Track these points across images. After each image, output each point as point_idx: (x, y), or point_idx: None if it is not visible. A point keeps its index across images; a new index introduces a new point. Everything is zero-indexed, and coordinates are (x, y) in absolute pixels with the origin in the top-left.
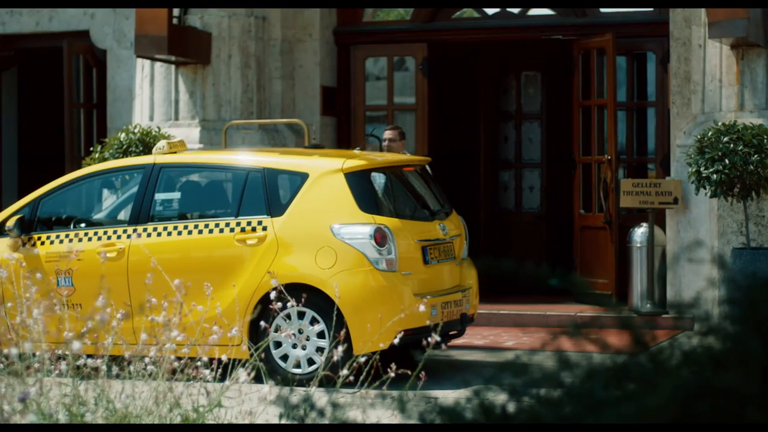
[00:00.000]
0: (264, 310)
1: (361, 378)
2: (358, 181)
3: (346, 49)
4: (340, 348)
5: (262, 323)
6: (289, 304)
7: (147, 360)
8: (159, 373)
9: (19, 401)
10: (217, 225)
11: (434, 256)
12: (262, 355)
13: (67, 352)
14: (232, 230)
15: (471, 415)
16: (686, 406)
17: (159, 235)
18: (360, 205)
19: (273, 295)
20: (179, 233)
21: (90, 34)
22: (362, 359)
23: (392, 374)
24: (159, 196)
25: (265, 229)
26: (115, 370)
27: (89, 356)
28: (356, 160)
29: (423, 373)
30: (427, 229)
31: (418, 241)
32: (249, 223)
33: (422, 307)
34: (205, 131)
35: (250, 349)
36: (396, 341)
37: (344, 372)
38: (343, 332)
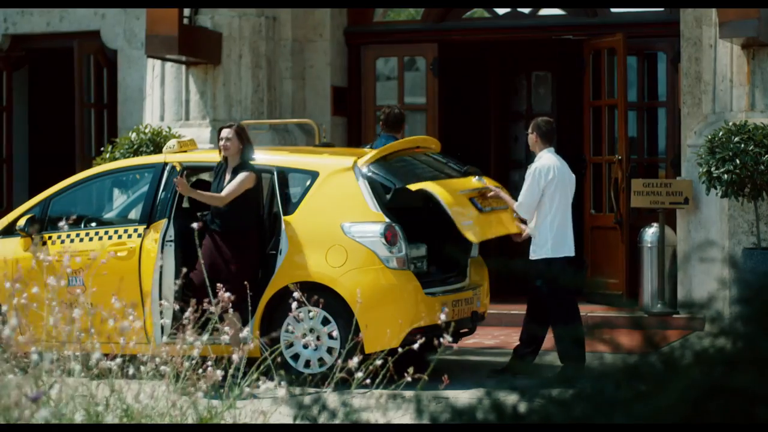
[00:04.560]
0: (275, 308)
1: (377, 381)
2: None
3: (356, 49)
4: (354, 351)
5: (289, 329)
6: (310, 314)
7: (158, 361)
8: (172, 374)
9: (32, 401)
10: None
11: (485, 204)
12: (278, 360)
13: (75, 352)
14: None
15: (482, 415)
16: (697, 406)
17: None
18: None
19: (294, 305)
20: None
21: (101, 34)
22: (378, 362)
23: (408, 378)
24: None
25: None
26: (130, 370)
27: (104, 356)
28: (367, 158)
29: (427, 377)
30: (465, 183)
31: (461, 192)
32: None
33: (443, 316)
34: (216, 131)
35: (262, 352)
36: (415, 346)
37: (359, 375)
38: (354, 331)
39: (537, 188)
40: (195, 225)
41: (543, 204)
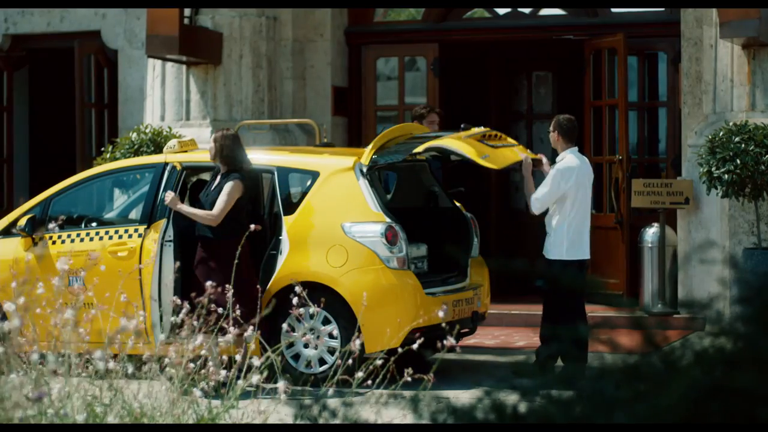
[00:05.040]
0: (275, 307)
1: (377, 380)
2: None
3: (357, 50)
4: (357, 342)
5: (285, 326)
6: (310, 310)
7: (166, 362)
8: (175, 375)
9: (34, 401)
10: None
11: (495, 142)
12: (279, 358)
13: (78, 353)
14: None
15: (482, 415)
16: (698, 406)
17: None
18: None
19: (295, 301)
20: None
21: (101, 34)
22: (379, 362)
23: (408, 378)
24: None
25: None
26: (129, 369)
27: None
28: (367, 152)
29: (432, 375)
30: (467, 133)
31: (468, 137)
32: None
33: (441, 314)
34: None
35: (263, 352)
36: (414, 346)
37: (359, 374)
38: (355, 331)
39: (556, 190)
40: (253, 227)
41: (564, 206)
